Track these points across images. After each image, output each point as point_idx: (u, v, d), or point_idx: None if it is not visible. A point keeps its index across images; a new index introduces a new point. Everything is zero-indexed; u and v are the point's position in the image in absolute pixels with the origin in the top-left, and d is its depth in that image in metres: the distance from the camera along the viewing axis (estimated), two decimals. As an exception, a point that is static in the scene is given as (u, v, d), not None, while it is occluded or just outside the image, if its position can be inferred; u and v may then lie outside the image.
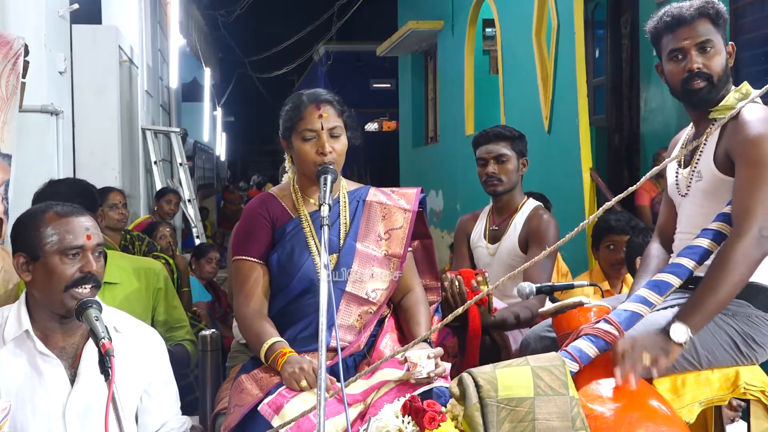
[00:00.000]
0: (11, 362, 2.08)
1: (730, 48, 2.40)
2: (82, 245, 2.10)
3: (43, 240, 2.09)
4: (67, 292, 2.06)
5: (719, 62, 2.36)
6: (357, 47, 24.69)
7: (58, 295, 2.07)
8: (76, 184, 3.16)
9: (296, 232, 2.44)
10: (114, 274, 3.00)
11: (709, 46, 2.35)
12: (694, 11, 2.36)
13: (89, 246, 2.11)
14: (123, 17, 7.53)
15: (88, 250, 2.11)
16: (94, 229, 2.16)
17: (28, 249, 2.11)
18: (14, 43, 3.28)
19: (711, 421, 2.50)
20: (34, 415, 2.07)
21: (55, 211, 2.13)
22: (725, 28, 2.39)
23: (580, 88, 6.60)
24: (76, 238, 2.10)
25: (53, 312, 2.10)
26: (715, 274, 2.18)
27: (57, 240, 2.08)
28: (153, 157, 7.80)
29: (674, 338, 2.14)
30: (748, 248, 2.17)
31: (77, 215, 2.14)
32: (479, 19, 9.90)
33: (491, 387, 2.00)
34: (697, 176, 2.41)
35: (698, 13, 2.35)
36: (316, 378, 2.13)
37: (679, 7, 2.39)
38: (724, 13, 2.38)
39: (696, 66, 2.34)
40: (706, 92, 2.36)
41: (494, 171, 3.25)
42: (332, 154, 2.37)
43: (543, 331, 2.59)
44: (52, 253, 2.08)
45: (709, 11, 2.35)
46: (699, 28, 2.34)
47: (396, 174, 14.15)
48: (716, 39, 2.35)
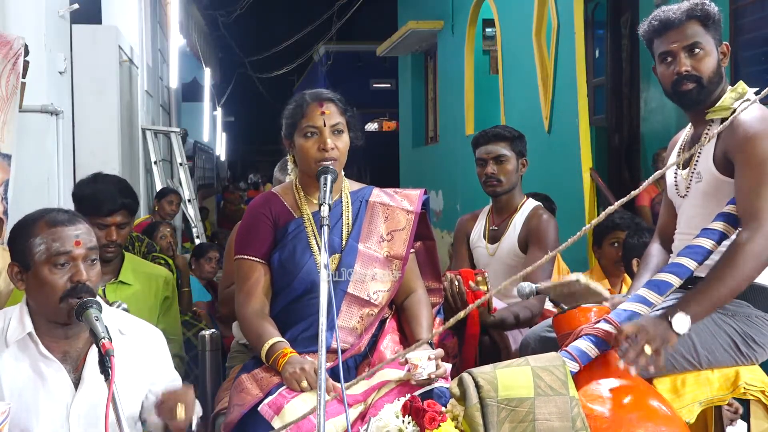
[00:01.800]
0: (14, 365, 2.07)
1: (724, 48, 2.41)
2: (69, 251, 2.04)
3: (32, 250, 2.05)
4: (63, 302, 2.03)
5: (709, 64, 2.37)
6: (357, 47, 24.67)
7: (54, 306, 2.04)
8: (123, 182, 3.14)
9: (298, 232, 2.43)
10: (128, 275, 3.05)
11: (698, 48, 2.36)
12: (682, 14, 2.37)
13: (78, 254, 2.05)
14: (123, 17, 7.52)
15: (77, 258, 2.05)
16: (87, 235, 2.09)
17: (20, 259, 2.08)
18: (14, 43, 3.27)
19: (711, 421, 2.50)
20: (38, 418, 2.05)
21: (46, 219, 2.08)
22: (717, 28, 2.39)
23: (580, 88, 6.61)
24: (63, 244, 2.04)
25: (51, 320, 2.08)
26: (723, 268, 2.19)
27: (44, 249, 2.04)
28: (153, 157, 7.79)
29: (677, 329, 2.15)
30: (759, 247, 2.18)
31: (68, 224, 2.08)
32: (479, 19, 9.90)
33: (491, 387, 2.00)
34: (697, 177, 2.41)
35: (686, 16, 2.37)
36: (317, 379, 2.13)
37: (668, 10, 2.41)
38: (715, 14, 2.37)
39: (684, 69, 2.36)
40: (695, 94, 2.38)
41: (494, 171, 3.24)
42: (334, 151, 2.36)
43: (543, 331, 2.59)
44: (42, 264, 2.04)
45: (698, 13, 2.36)
46: (687, 31, 2.36)
47: (396, 174, 14.14)
48: (705, 41, 2.36)
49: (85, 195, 2.97)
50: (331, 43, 19.55)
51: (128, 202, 2.98)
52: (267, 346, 2.28)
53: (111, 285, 3.01)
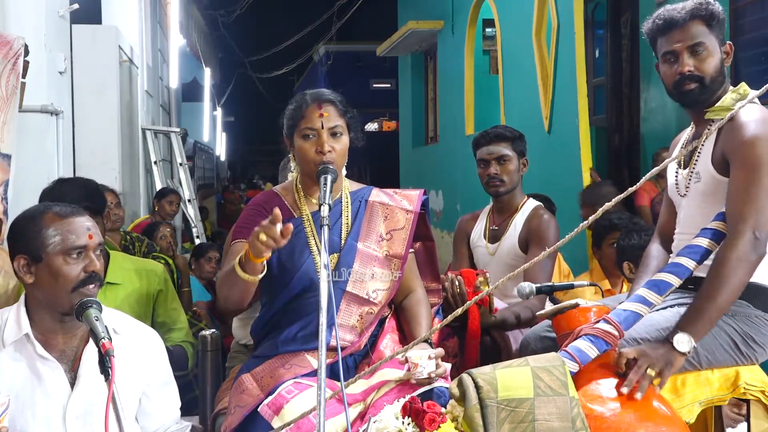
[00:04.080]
0: (11, 366, 2.08)
1: (728, 47, 2.40)
2: (85, 245, 2.10)
3: (45, 241, 2.08)
4: (75, 292, 2.06)
5: (712, 64, 2.36)
6: (357, 47, 24.69)
7: (66, 295, 2.07)
8: (86, 185, 3.14)
9: (297, 232, 2.44)
10: (116, 274, 3.02)
11: (701, 48, 2.35)
12: (686, 13, 2.36)
13: (92, 245, 2.11)
14: (123, 17, 7.53)
15: (90, 250, 2.11)
16: (95, 228, 2.16)
17: (29, 251, 2.09)
18: (14, 43, 3.27)
19: (711, 421, 2.50)
20: (34, 418, 2.06)
21: (54, 211, 2.13)
22: (721, 28, 2.38)
23: (580, 88, 6.60)
24: (78, 237, 2.09)
25: (56, 311, 2.10)
26: (713, 280, 2.19)
27: (60, 240, 2.08)
28: (153, 157, 7.79)
29: (679, 348, 2.15)
30: (743, 252, 2.17)
31: (77, 215, 2.14)
32: (479, 19, 9.91)
33: (491, 388, 2.00)
34: (696, 177, 2.41)
35: (690, 15, 2.36)
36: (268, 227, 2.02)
37: (673, 9, 2.40)
38: (719, 14, 2.37)
39: (687, 69, 2.36)
40: (697, 94, 2.38)
41: (496, 172, 3.25)
42: (331, 154, 2.36)
43: (543, 331, 2.59)
44: (56, 254, 2.07)
45: (702, 13, 2.35)
46: (691, 31, 2.35)
47: (396, 174, 14.15)
48: (709, 40, 2.36)
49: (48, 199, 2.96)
50: (331, 43, 19.56)
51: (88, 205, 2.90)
52: (236, 261, 2.18)
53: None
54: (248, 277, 2.15)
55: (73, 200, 2.78)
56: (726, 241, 2.22)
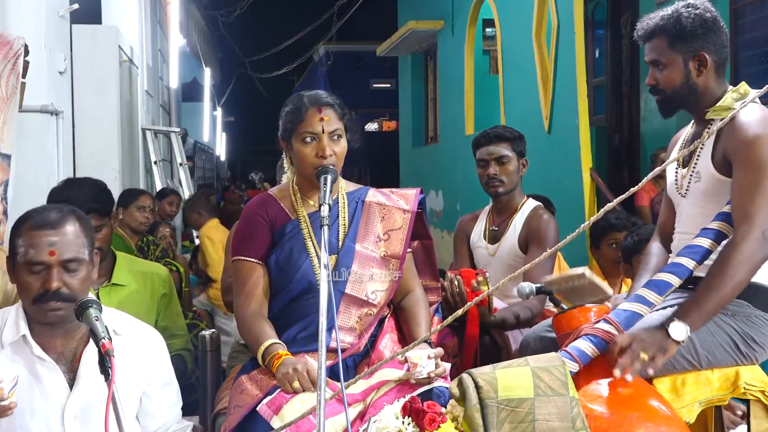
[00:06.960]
0: (9, 367, 2.07)
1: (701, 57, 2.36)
2: (43, 261, 2.05)
3: (15, 249, 2.09)
4: (36, 305, 2.05)
5: (672, 78, 2.39)
6: (357, 47, 24.66)
7: (30, 306, 2.08)
8: (94, 186, 3.13)
9: (294, 234, 2.44)
10: (122, 276, 3.04)
11: (660, 64, 2.40)
12: (654, 27, 2.40)
13: (52, 262, 2.05)
14: (123, 17, 7.53)
15: (52, 267, 2.05)
16: (64, 244, 2.07)
17: (10, 254, 2.12)
18: (14, 43, 3.27)
19: (711, 421, 2.50)
20: (33, 419, 2.06)
21: (33, 220, 2.09)
22: (693, 39, 2.35)
23: (580, 88, 6.60)
24: (38, 253, 2.05)
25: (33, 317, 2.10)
26: (717, 274, 2.19)
27: (23, 252, 2.07)
28: (153, 157, 7.79)
29: (674, 336, 2.15)
30: (750, 250, 2.17)
31: (50, 228, 2.07)
32: (479, 19, 9.90)
33: (491, 388, 2.00)
34: (696, 177, 2.41)
35: (654, 30, 2.40)
36: (309, 379, 2.14)
37: (649, 18, 2.44)
38: (691, 23, 2.34)
39: (649, 82, 2.44)
40: (663, 104, 2.46)
41: (496, 172, 3.24)
42: (332, 158, 2.36)
43: (543, 331, 2.59)
44: (21, 265, 2.07)
45: (667, 26, 2.37)
46: (651, 46, 2.42)
47: (396, 174, 14.14)
48: (668, 56, 2.38)
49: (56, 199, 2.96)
50: (331, 43, 19.55)
51: (96, 207, 2.93)
52: (263, 347, 2.29)
53: (105, 288, 3.00)
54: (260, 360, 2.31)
55: (80, 201, 2.78)
56: (732, 239, 2.22)
